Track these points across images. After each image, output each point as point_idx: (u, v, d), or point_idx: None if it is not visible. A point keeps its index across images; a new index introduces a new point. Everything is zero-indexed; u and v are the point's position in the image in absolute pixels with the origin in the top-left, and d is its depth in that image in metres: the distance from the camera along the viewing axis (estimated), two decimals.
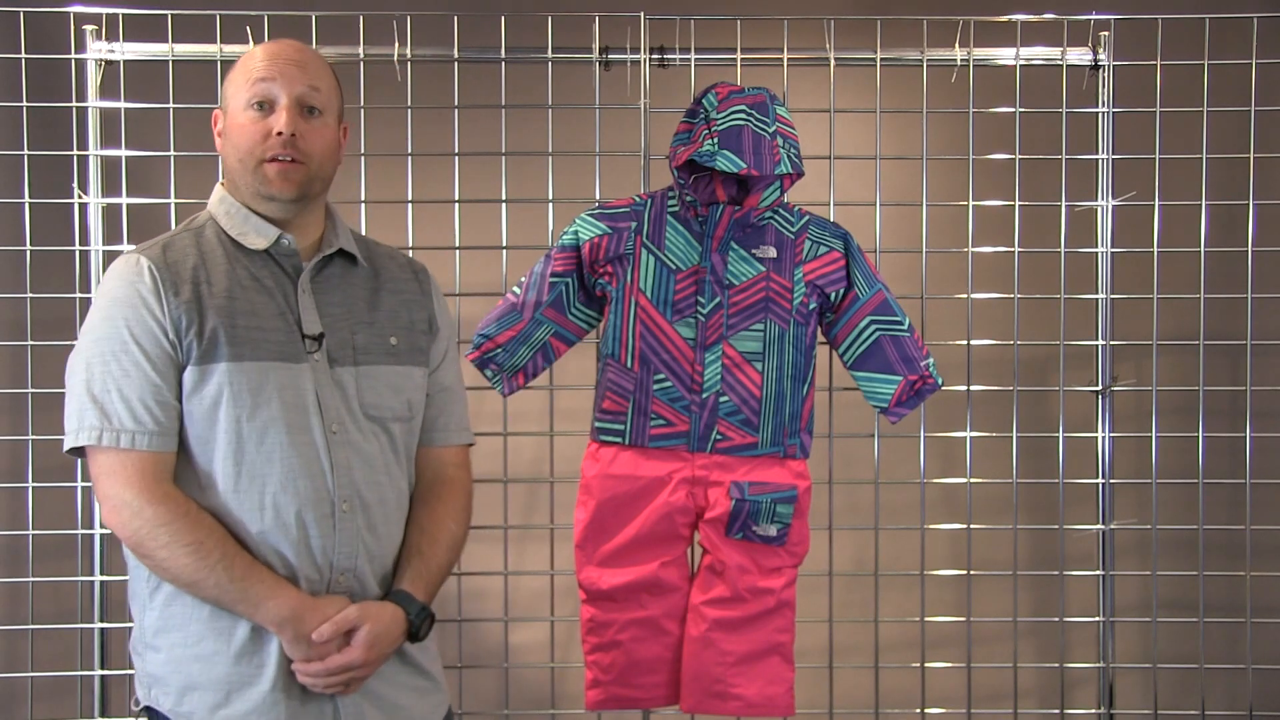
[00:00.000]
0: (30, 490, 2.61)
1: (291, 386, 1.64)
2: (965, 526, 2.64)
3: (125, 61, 2.56)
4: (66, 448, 1.61)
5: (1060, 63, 2.58)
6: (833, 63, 2.57)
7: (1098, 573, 2.64)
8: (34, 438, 2.60)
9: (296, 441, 1.63)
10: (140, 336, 1.59)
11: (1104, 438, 2.61)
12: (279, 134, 1.67)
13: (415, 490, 1.82)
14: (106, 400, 1.58)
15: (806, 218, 2.23)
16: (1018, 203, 2.60)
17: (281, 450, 1.62)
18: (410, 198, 2.58)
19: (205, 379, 1.60)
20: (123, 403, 1.58)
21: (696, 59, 2.54)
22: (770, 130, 2.12)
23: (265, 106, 1.68)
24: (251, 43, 2.52)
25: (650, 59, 2.53)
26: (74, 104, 2.55)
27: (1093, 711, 2.78)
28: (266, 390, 1.62)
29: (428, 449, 1.84)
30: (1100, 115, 2.59)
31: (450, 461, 1.86)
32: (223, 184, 1.76)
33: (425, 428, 1.84)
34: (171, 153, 2.56)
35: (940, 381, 2.24)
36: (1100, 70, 2.57)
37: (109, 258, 2.58)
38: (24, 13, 2.53)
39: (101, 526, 2.57)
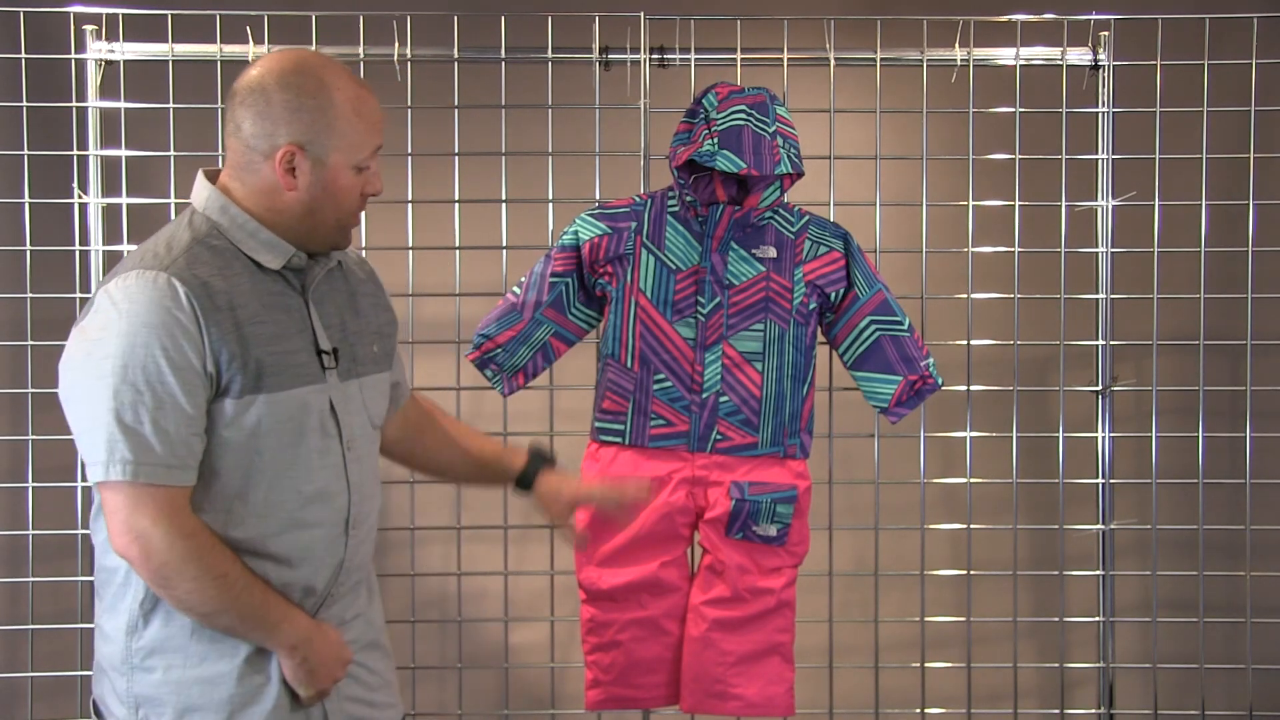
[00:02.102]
0: (30, 490, 2.61)
1: (319, 409, 1.62)
2: (965, 526, 2.64)
3: (125, 61, 2.55)
4: (96, 480, 1.51)
5: (1060, 63, 2.58)
6: (833, 63, 2.57)
7: (1098, 573, 2.64)
8: (34, 438, 2.60)
9: (324, 464, 1.62)
10: (179, 366, 1.49)
11: (1104, 438, 2.61)
12: (372, 195, 1.65)
13: (417, 424, 1.89)
14: (140, 432, 1.49)
15: (806, 218, 2.23)
16: (1018, 203, 2.60)
17: (310, 475, 1.61)
18: (410, 198, 2.58)
19: (245, 410, 1.55)
20: (157, 436, 1.49)
21: (696, 59, 2.54)
22: (770, 130, 2.12)
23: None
24: (251, 43, 2.52)
25: (650, 59, 2.53)
26: (74, 104, 2.55)
27: (1093, 711, 2.78)
28: (300, 417, 1.59)
29: (406, 402, 1.88)
30: (1100, 115, 2.59)
31: (420, 398, 1.93)
32: (215, 184, 1.62)
33: (397, 395, 1.85)
34: (171, 153, 2.55)
35: (940, 381, 2.24)
36: (1100, 70, 2.57)
37: (109, 257, 2.58)
38: (24, 13, 2.53)
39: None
